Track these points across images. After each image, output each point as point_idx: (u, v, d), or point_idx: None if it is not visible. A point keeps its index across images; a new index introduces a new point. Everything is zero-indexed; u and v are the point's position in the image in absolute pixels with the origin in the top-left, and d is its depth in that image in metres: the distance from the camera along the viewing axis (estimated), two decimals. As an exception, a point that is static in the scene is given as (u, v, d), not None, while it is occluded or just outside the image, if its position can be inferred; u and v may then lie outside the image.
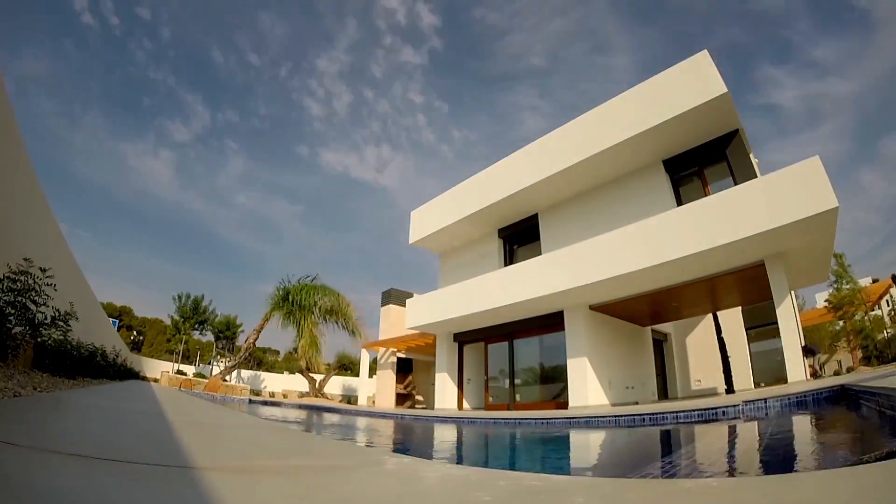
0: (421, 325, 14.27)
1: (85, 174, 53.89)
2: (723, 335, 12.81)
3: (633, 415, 6.61)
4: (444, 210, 14.82)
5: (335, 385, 29.42)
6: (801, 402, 5.45)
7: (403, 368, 20.44)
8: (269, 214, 66.25)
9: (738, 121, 9.39)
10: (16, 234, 5.76)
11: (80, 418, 2.88)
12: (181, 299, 35.95)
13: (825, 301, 21.86)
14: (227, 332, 36.38)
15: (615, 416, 6.91)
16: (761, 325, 12.66)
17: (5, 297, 4.46)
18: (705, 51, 9.14)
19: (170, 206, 58.97)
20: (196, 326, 36.38)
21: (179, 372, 27.07)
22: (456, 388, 14.38)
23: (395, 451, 4.40)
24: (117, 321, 29.26)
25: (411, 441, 5.82)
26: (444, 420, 9.16)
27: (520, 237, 14.17)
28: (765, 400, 5.77)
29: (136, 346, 37.17)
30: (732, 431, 4.79)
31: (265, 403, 16.87)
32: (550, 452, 4.64)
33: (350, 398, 27.80)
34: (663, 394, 13.55)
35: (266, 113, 55.12)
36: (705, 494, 1.58)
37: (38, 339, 5.38)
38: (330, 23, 44.46)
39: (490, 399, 13.76)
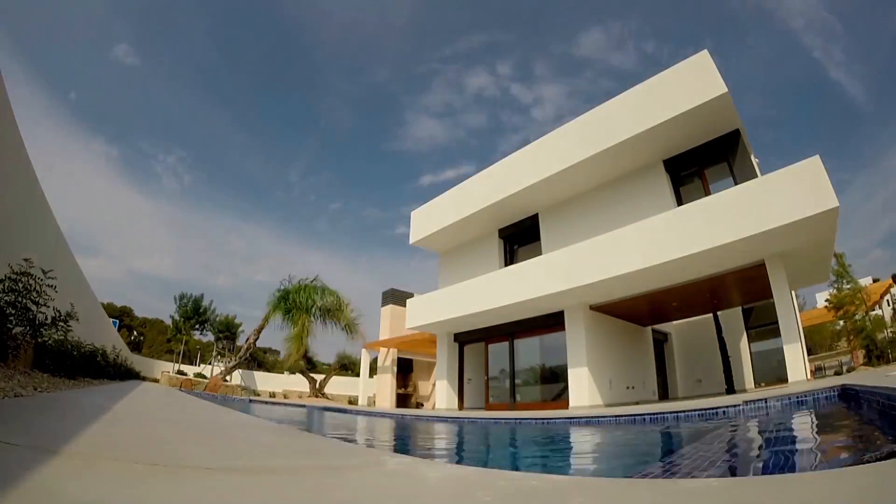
0: (421, 325, 14.27)
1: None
2: (723, 335, 12.81)
3: (634, 415, 6.60)
4: (445, 210, 14.82)
5: (336, 385, 29.39)
6: (801, 402, 5.45)
7: (403, 368, 20.44)
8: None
9: (738, 121, 9.39)
10: (16, 234, 5.77)
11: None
12: (181, 299, 35.96)
13: (825, 301, 21.78)
14: (227, 333, 36.39)
15: (615, 416, 6.90)
16: (761, 325, 12.66)
17: (6, 298, 4.46)
18: (705, 51, 9.14)
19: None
20: (196, 326, 36.39)
21: (180, 372, 27.13)
22: (456, 388, 14.39)
23: (396, 451, 4.40)
24: (118, 321, 29.23)
25: (412, 441, 5.81)
26: (445, 420, 9.15)
27: (520, 237, 14.17)
28: (765, 400, 5.77)
29: (136, 347, 37.20)
30: (733, 431, 4.78)
31: (265, 403, 16.88)
32: (551, 452, 4.64)
33: (350, 398, 27.81)
34: (663, 393, 13.55)
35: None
36: (705, 494, 1.58)
37: (39, 340, 5.40)
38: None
39: (490, 399, 13.76)
